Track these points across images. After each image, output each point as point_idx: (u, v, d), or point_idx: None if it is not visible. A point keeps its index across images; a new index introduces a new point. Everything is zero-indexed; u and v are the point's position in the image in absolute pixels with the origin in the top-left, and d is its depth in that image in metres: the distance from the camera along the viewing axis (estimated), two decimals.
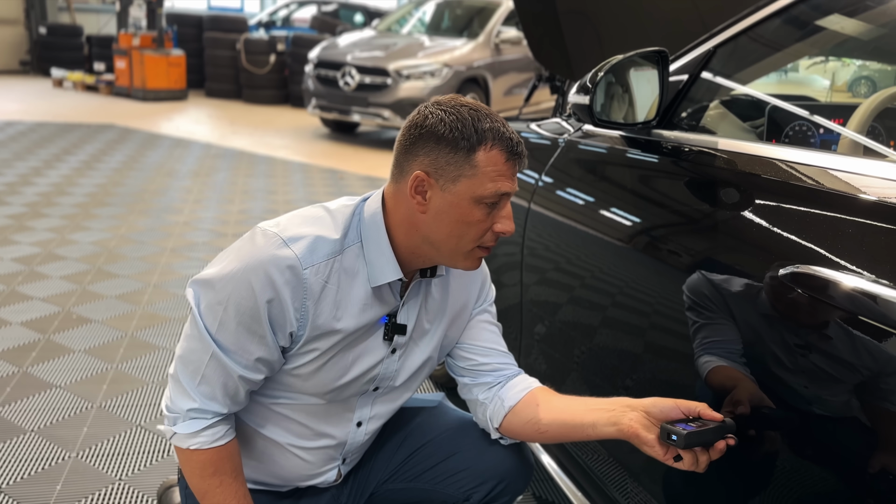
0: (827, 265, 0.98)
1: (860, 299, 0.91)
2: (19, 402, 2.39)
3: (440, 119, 1.12)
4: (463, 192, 1.12)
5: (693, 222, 1.35)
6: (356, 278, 1.19)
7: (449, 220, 1.14)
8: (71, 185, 5.37)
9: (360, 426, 1.34)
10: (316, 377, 1.22)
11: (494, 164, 1.11)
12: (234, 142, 7.54)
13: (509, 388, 1.34)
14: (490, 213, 1.14)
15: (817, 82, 6.75)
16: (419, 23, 9.04)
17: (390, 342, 1.26)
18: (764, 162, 1.26)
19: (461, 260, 1.19)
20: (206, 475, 1.21)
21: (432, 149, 1.12)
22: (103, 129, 7.81)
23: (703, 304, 1.18)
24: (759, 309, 1.07)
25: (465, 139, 1.10)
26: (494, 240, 1.18)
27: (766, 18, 1.48)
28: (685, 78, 1.57)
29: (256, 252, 1.13)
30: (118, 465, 2.09)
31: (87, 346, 2.81)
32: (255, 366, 1.18)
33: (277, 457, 1.32)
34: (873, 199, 1.04)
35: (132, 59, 9.99)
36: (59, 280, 3.48)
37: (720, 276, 1.16)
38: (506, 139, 1.13)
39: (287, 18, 13.06)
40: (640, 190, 1.52)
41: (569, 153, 1.77)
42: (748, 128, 1.68)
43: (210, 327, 1.15)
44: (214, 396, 1.19)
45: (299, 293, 1.13)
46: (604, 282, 1.55)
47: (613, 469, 1.52)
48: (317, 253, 1.15)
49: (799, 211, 1.11)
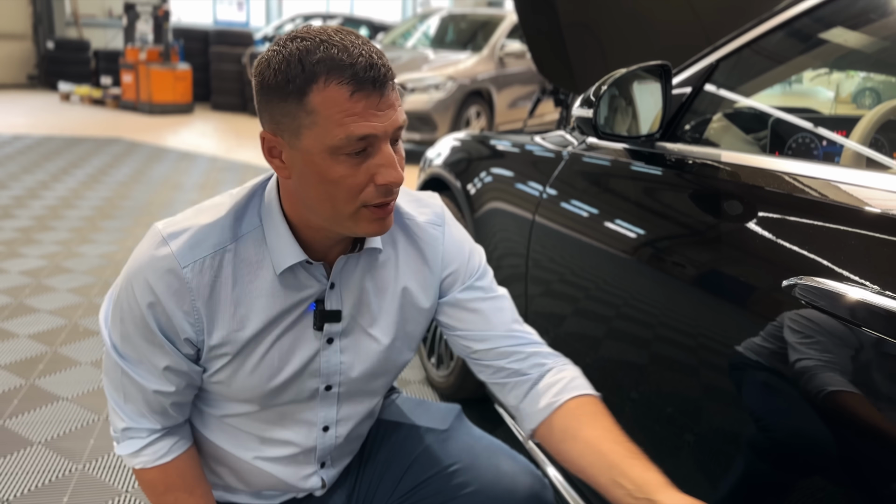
0: (831, 277, 0.98)
1: (864, 308, 0.92)
2: (26, 415, 2.40)
3: (267, 63, 0.92)
4: (311, 147, 0.91)
5: (697, 234, 1.35)
6: (260, 268, 1.03)
7: (312, 181, 0.94)
8: (78, 198, 5.40)
9: (327, 430, 1.18)
10: (240, 382, 1.08)
11: (335, 103, 0.88)
12: (239, 154, 7.58)
13: (537, 394, 1.12)
14: (361, 163, 0.92)
15: (822, 94, 6.78)
16: (424, 36, 9.09)
17: (321, 331, 1.08)
18: (767, 174, 1.27)
19: (352, 225, 0.97)
20: (157, 493, 1.13)
21: (267, 101, 0.93)
22: (110, 142, 7.85)
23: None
24: (764, 321, 1.07)
25: (291, 81, 0.89)
26: (384, 194, 0.94)
27: (768, 32, 1.49)
28: (688, 91, 1.58)
29: (138, 255, 1.02)
30: (125, 476, 2.10)
31: (94, 359, 2.82)
32: (166, 376, 1.05)
33: (248, 474, 1.20)
34: (877, 211, 1.04)
35: (139, 73, 10.06)
36: (66, 293, 3.50)
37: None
38: (345, 67, 0.88)
39: None
40: (644, 202, 1.53)
41: (573, 166, 1.79)
42: (751, 140, 1.69)
43: (115, 342, 1.06)
44: (142, 413, 1.09)
45: (184, 296, 0.99)
46: (609, 293, 1.56)
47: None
48: (200, 247, 1.00)
49: (803, 223, 1.12)
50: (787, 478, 1.06)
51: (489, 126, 7.80)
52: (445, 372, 2.53)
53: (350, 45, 0.89)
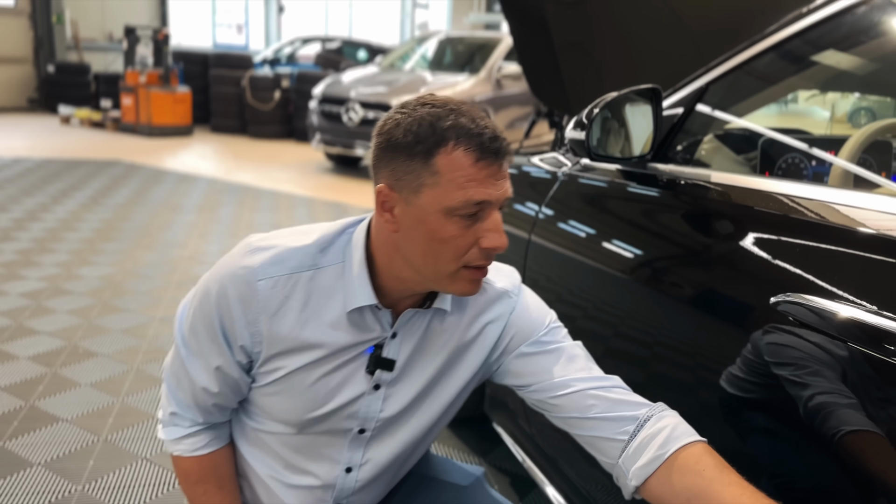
0: (819, 294, 1.01)
1: (849, 324, 0.94)
2: (26, 436, 2.40)
3: (396, 123, 0.98)
4: (428, 205, 0.96)
5: (689, 253, 1.38)
6: (332, 299, 1.06)
7: (420, 237, 0.98)
8: (77, 220, 5.43)
9: (349, 472, 1.19)
10: (284, 403, 1.11)
11: (460, 167, 0.94)
12: (239, 176, 7.63)
13: (639, 448, 1.03)
14: (470, 226, 0.97)
15: (817, 114, 6.84)
16: (422, 59, 9.18)
17: (372, 375, 1.11)
18: (757, 194, 1.30)
19: (448, 284, 1.02)
20: (190, 482, 1.18)
21: (391, 158, 0.98)
22: (109, 164, 7.90)
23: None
24: (754, 338, 1.09)
25: (421, 142, 0.95)
26: (484, 258, 1.00)
27: (759, 54, 1.53)
28: (680, 111, 1.62)
29: (225, 259, 1.08)
30: (124, 497, 2.11)
31: (94, 380, 2.83)
32: (215, 376, 1.10)
33: (259, 490, 1.22)
34: (864, 231, 1.07)
35: (139, 95, 10.14)
36: (66, 314, 3.51)
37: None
38: (473, 136, 0.95)
39: (292, 55, 13.26)
40: (637, 222, 1.56)
41: (567, 186, 1.82)
42: (742, 160, 1.72)
43: (184, 330, 1.12)
44: (189, 404, 1.15)
45: (251, 306, 1.04)
46: (605, 312, 1.58)
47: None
48: (279, 265, 1.05)
49: (791, 242, 1.14)
50: (779, 490, 1.08)
51: None
52: None
53: (477, 118, 0.97)
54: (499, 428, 2.15)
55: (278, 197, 6.69)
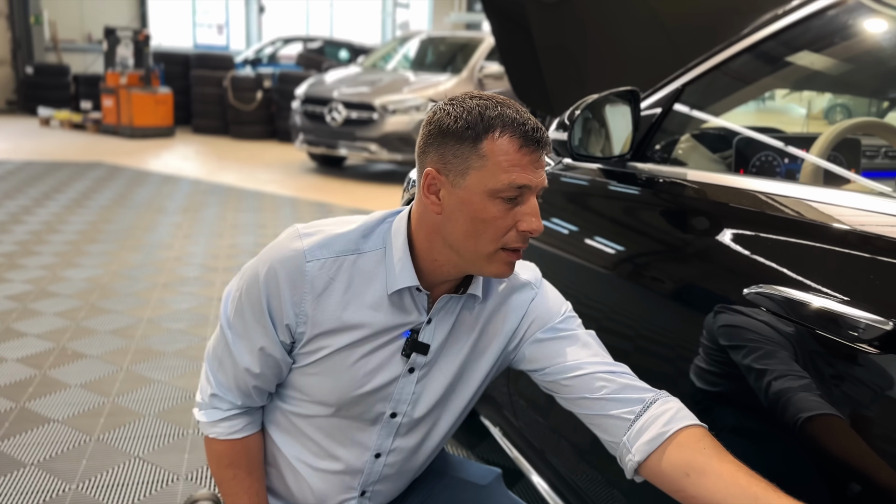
0: (789, 285, 1.07)
1: (822, 315, 1.00)
2: (18, 437, 2.42)
3: (446, 112, 1.06)
4: (474, 186, 1.04)
5: (667, 248, 1.44)
6: (373, 282, 1.13)
7: (463, 218, 1.06)
8: (61, 222, 5.42)
9: (378, 457, 1.24)
10: (326, 380, 1.17)
11: (505, 152, 1.03)
12: (222, 177, 7.63)
13: (640, 429, 1.09)
14: (510, 209, 1.05)
15: (794, 111, 6.98)
16: (404, 59, 9.22)
17: (407, 358, 1.16)
18: (731, 191, 1.36)
19: (485, 264, 1.09)
20: (221, 465, 1.23)
21: (440, 144, 1.06)
22: (92, 167, 7.87)
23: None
24: (729, 327, 1.15)
25: (471, 128, 1.03)
26: (521, 240, 1.07)
27: (735, 55, 1.58)
28: (658, 112, 1.67)
29: (273, 245, 1.15)
30: (118, 496, 2.14)
31: (83, 381, 2.85)
32: (258, 357, 1.16)
33: (287, 475, 1.27)
34: (830, 225, 1.13)
35: (120, 97, 10.09)
36: (53, 316, 3.52)
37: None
38: (518, 124, 1.04)
39: (273, 56, 13.25)
40: (618, 219, 1.61)
41: (550, 184, 1.87)
42: (717, 159, 1.79)
43: (229, 313, 1.18)
44: (229, 386, 1.20)
45: (299, 287, 1.11)
46: (588, 307, 1.64)
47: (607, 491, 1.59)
48: (326, 249, 1.12)
49: (764, 236, 1.20)
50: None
51: None
52: None
53: (521, 111, 1.06)
54: (486, 421, 2.20)
55: (262, 197, 6.71)
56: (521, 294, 1.23)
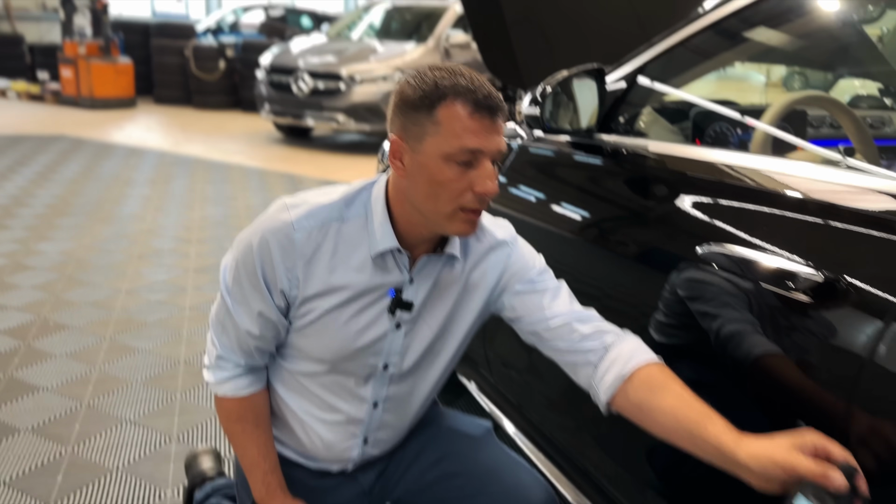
0: (740, 245, 1.21)
1: (765, 270, 1.15)
2: (10, 405, 2.50)
3: (408, 83, 1.15)
4: (430, 151, 1.13)
5: (631, 214, 1.58)
6: (357, 246, 1.23)
7: (423, 181, 1.15)
8: (29, 196, 5.40)
9: (376, 406, 1.36)
10: (321, 339, 1.27)
11: (458, 118, 1.11)
12: (188, 149, 7.60)
13: (605, 368, 1.21)
14: (465, 172, 1.13)
15: (755, 78, 7.15)
16: (369, 28, 9.20)
17: (393, 315, 1.27)
18: (687, 161, 1.50)
19: (447, 224, 1.18)
20: (230, 420, 1.35)
21: (402, 113, 1.15)
22: (54, 139, 7.77)
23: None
24: (685, 283, 1.30)
25: (427, 97, 1.12)
26: (478, 202, 1.16)
27: (696, 32, 1.68)
28: (623, 86, 1.79)
29: (263, 217, 1.25)
30: (113, 457, 2.24)
31: (69, 351, 2.92)
32: (257, 320, 1.26)
33: (297, 428, 1.38)
34: (774, 191, 1.28)
35: (79, 67, 9.92)
36: (31, 289, 3.57)
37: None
38: (469, 92, 1.11)
39: (234, 24, 13.06)
40: (585, 187, 1.74)
41: (522, 156, 2.00)
42: (676, 130, 1.92)
43: (228, 282, 1.28)
44: (233, 348, 1.30)
45: (290, 254, 1.21)
46: (557, 270, 1.77)
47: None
48: (312, 218, 1.22)
49: (716, 201, 1.34)
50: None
51: None
52: None
53: (474, 79, 1.14)
54: (463, 378, 2.34)
55: (230, 169, 6.72)
56: (498, 252, 1.34)
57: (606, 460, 1.60)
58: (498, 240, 1.34)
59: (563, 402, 1.78)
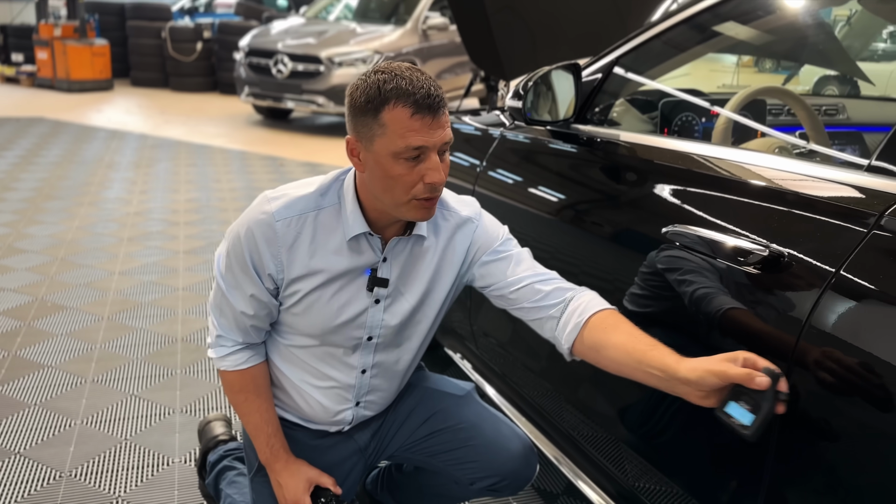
0: (698, 224, 1.37)
1: (720, 246, 1.31)
2: (16, 382, 2.62)
3: (356, 87, 1.26)
4: (380, 150, 1.24)
5: (604, 198, 1.74)
6: (334, 232, 1.37)
7: (378, 175, 1.27)
8: (13, 180, 5.44)
9: (364, 373, 1.51)
10: (308, 316, 1.41)
11: (400, 120, 1.21)
12: (168, 131, 7.64)
13: (566, 320, 1.37)
14: (414, 166, 1.24)
15: (728, 59, 7.30)
16: (346, 9, 9.24)
17: (371, 292, 1.41)
18: (655, 150, 1.66)
19: (405, 211, 1.30)
20: (234, 391, 1.50)
21: (353, 115, 1.27)
22: (33, 122, 7.77)
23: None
24: (652, 258, 1.46)
25: (371, 102, 1.23)
26: (429, 191, 1.27)
27: (669, 28, 1.82)
28: (599, 77, 1.94)
29: (248, 211, 1.38)
30: (121, 428, 2.38)
31: (69, 330, 3.04)
32: (250, 302, 1.40)
33: (295, 395, 1.53)
34: (730, 177, 1.44)
35: (54, 49, 9.86)
36: (26, 272, 3.66)
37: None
38: (409, 94, 1.21)
39: (209, 4, 13.00)
40: (562, 173, 1.90)
41: (505, 144, 2.15)
42: (647, 120, 2.08)
43: (222, 270, 1.42)
44: (231, 327, 1.44)
45: (273, 242, 1.34)
46: (537, 249, 1.93)
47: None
48: (291, 209, 1.35)
49: (679, 187, 1.51)
50: None
51: None
52: None
53: (415, 80, 1.23)
54: (450, 351, 2.51)
55: (212, 151, 6.79)
56: (465, 228, 1.48)
57: (580, 418, 1.77)
58: (463, 217, 1.49)
59: (545, 372, 1.95)
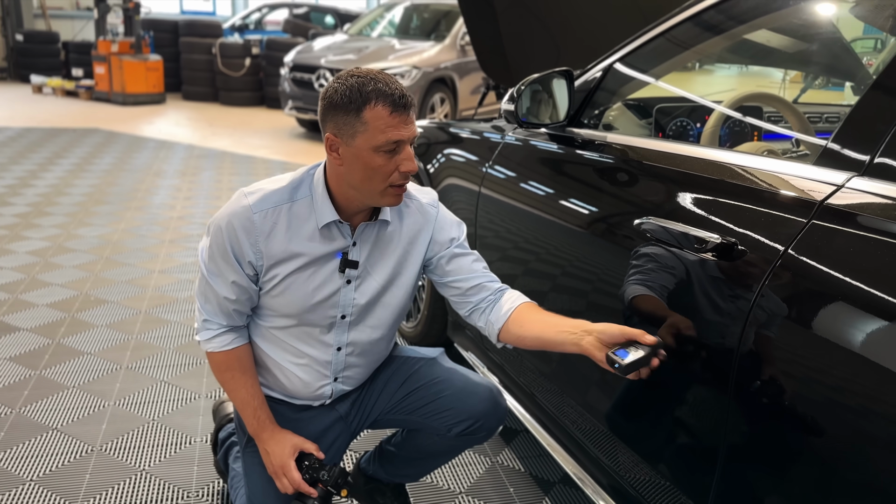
0: (682, 220, 1.47)
1: (683, 237, 1.41)
2: (59, 366, 2.83)
3: (334, 90, 1.40)
4: (362, 145, 1.39)
5: (598, 197, 1.84)
6: (307, 221, 1.51)
7: (358, 167, 1.42)
8: (68, 185, 5.76)
9: (340, 350, 1.64)
10: (285, 298, 1.54)
11: (381, 118, 1.37)
12: (214, 143, 7.94)
13: (497, 310, 1.58)
14: (391, 157, 1.41)
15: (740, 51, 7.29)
16: (389, 26, 9.49)
17: (343, 273, 1.55)
18: (645, 152, 1.75)
19: (380, 198, 1.47)
20: (220, 370, 1.62)
21: (333, 114, 1.40)
22: (89, 133, 8.16)
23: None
24: (638, 251, 1.56)
25: (353, 102, 1.37)
26: (403, 179, 1.44)
27: (670, 28, 1.87)
28: (595, 82, 2.04)
29: (227, 205, 1.52)
30: (150, 410, 2.55)
31: (109, 322, 3.25)
32: (231, 288, 1.53)
33: (277, 373, 1.66)
34: (702, 176, 1.53)
35: (111, 64, 10.33)
36: (73, 269, 3.90)
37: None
38: (387, 95, 1.37)
39: (259, 21, 13.43)
40: (559, 174, 2.01)
41: (507, 147, 2.27)
42: (643, 124, 2.18)
43: (205, 259, 1.55)
44: (215, 312, 1.57)
45: (251, 232, 1.48)
46: (532, 243, 2.04)
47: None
48: (266, 202, 1.49)
49: (664, 185, 1.61)
50: None
51: (453, 111, 8.25)
52: (413, 323, 3.01)
53: (390, 82, 1.41)
54: (460, 348, 2.62)
55: (255, 162, 7.05)
56: (426, 213, 1.65)
57: (590, 419, 1.87)
58: (424, 203, 1.66)
59: (552, 374, 2.05)
